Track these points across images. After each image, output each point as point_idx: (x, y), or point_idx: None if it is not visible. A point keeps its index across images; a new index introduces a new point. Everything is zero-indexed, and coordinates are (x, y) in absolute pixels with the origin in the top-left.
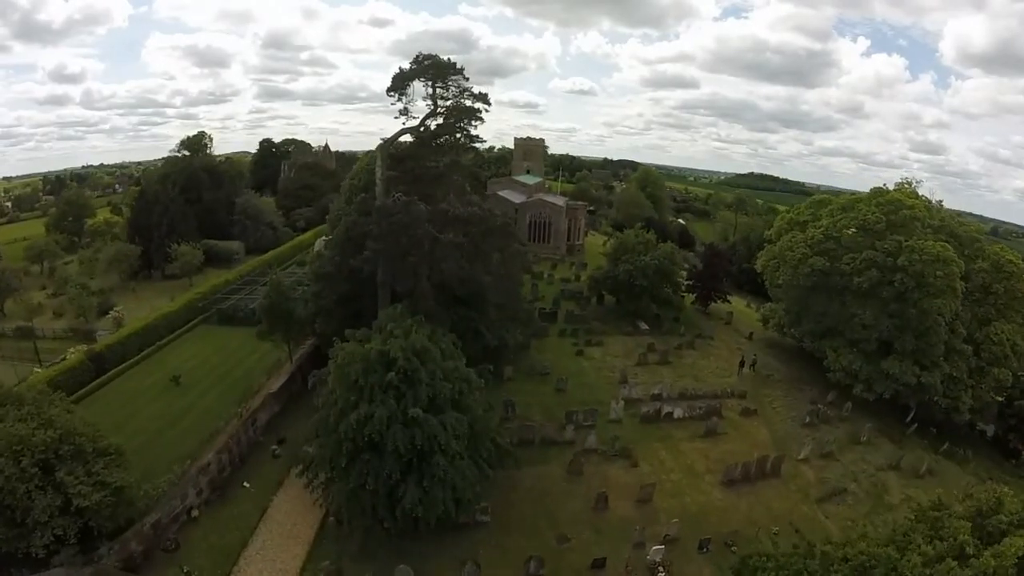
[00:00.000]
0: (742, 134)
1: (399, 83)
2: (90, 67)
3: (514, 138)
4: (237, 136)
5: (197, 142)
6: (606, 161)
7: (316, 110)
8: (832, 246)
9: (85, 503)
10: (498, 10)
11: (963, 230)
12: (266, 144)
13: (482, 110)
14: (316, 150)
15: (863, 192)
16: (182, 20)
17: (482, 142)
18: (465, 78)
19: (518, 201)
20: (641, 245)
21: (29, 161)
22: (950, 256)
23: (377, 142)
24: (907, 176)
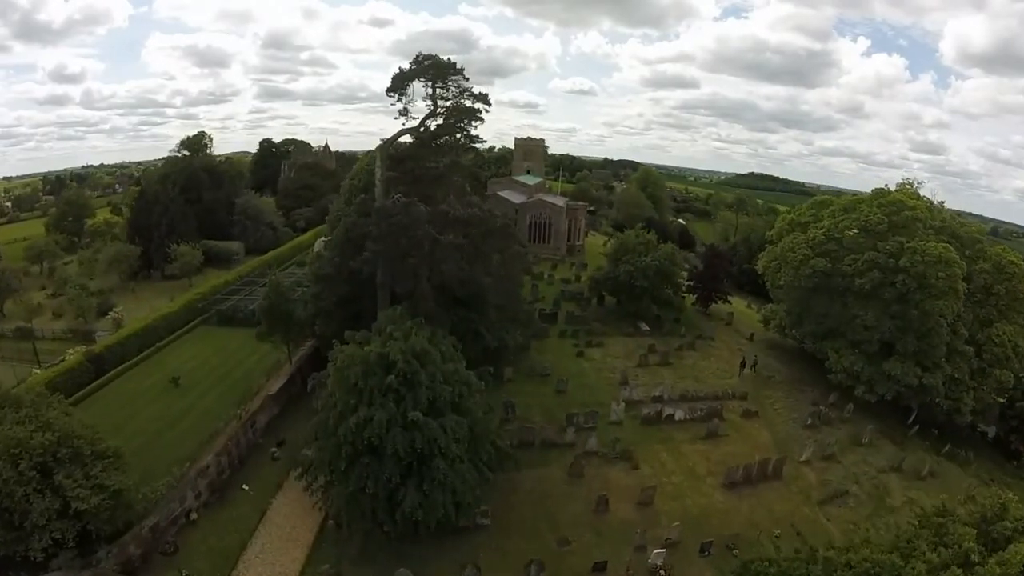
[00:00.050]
0: (742, 134)
1: (399, 83)
2: (90, 67)
3: (514, 138)
4: (237, 136)
5: (197, 142)
6: (606, 161)
7: (316, 110)
8: (834, 247)
9: (83, 506)
10: (498, 10)
11: (964, 231)
12: (266, 144)
13: (482, 110)
14: (316, 150)
15: (864, 192)
16: (182, 20)
17: (482, 142)
18: (465, 78)
19: (518, 201)
20: (642, 246)
21: (29, 161)
22: (952, 257)
23: (377, 142)
24: (908, 177)
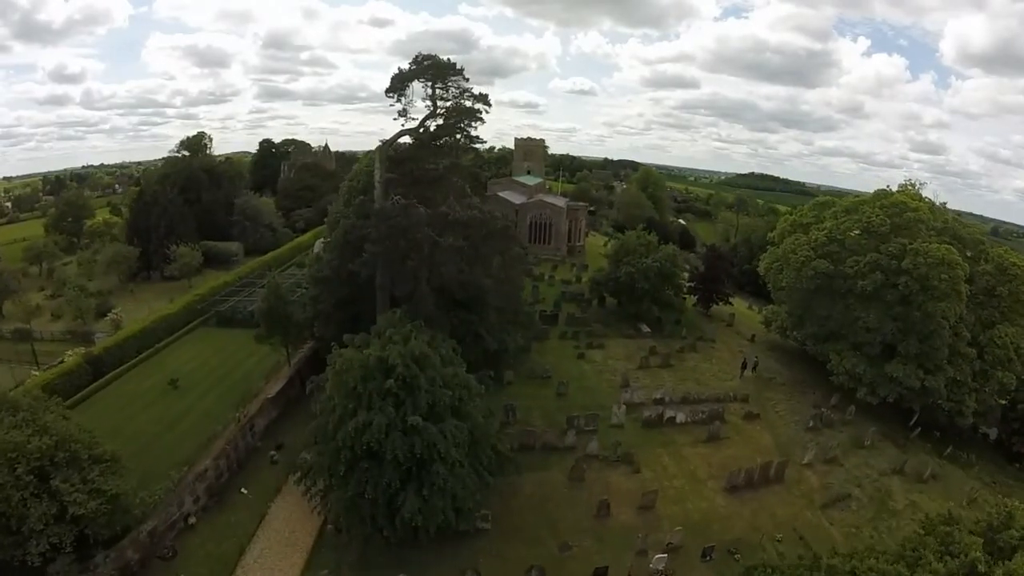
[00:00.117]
0: (742, 134)
1: (398, 84)
2: (90, 67)
3: (514, 138)
4: (237, 136)
5: (197, 142)
6: (606, 161)
7: (316, 110)
8: (836, 249)
9: (81, 511)
10: (498, 10)
11: (966, 232)
12: (266, 144)
13: (482, 111)
14: (316, 150)
15: (864, 192)
16: (182, 20)
17: (482, 143)
18: (465, 78)
19: (518, 202)
20: (642, 247)
21: (29, 161)
22: (955, 259)
23: (377, 142)
24: (910, 178)
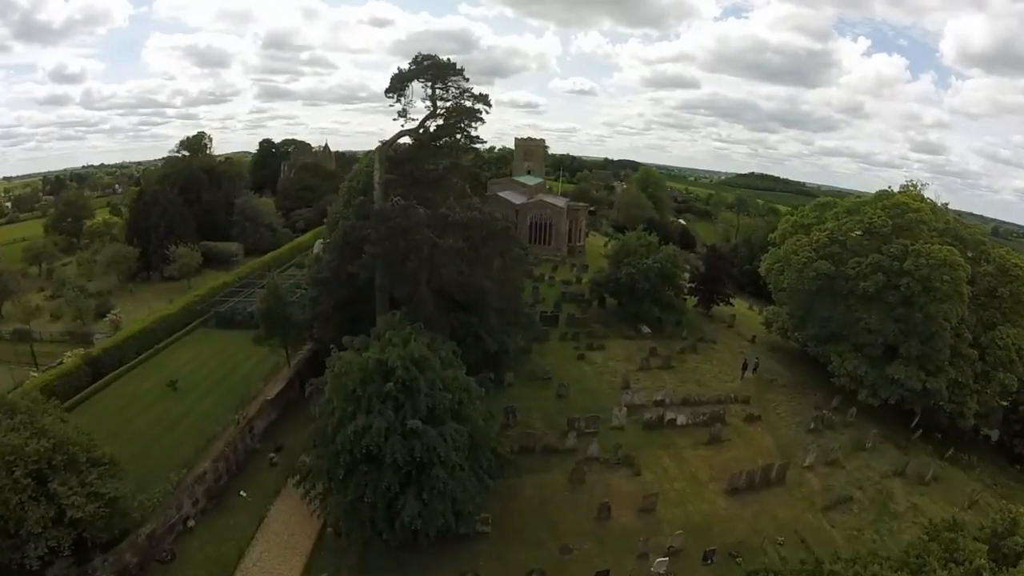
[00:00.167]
0: (742, 134)
1: (398, 84)
2: (90, 67)
3: (515, 138)
4: (237, 136)
5: (197, 142)
6: (606, 161)
7: (316, 110)
8: (837, 250)
9: (79, 514)
10: (498, 10)
11: (968, 233)
12: (266, 144)
13: (482, 111)
14: (316, 150)
15: (865, 192)
16: (182, 20)
17: (482, 143)
18: (465, 79)
19: (519, 202)
20: (643, 247)
21: (29, 161)
22: (957, 260)
23: (377, 142)
24: (911, 178)
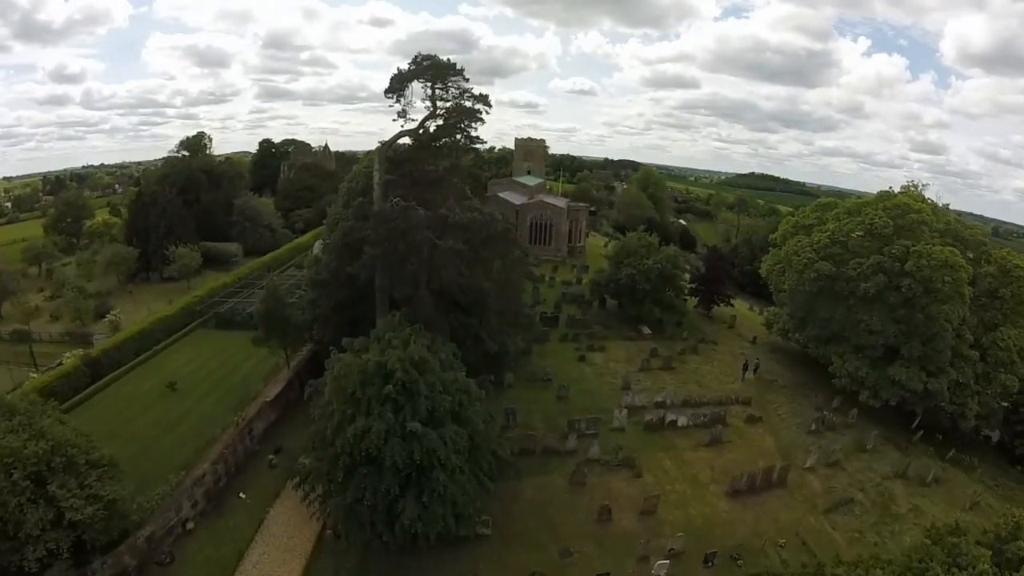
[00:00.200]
0: (742, 134)
1: (397, 84)
2: (90, 67)
3: (515, 138)
4: (237, 136)
5: (196, 143)
6: (607, 161)
7: (316, 110)
8: (839, 251)
9: (77, 517)
10: (498, 10)
11: (969, 233)
12: (266, 144)
13: (482, 111)
14: (316, 150)
15: (865, 191)
16: (182, 20)
17: (482, 143)
18: (465, 79)
19: (519, 203)
20: (643, 248)
21: (29, 161)
22: (958, 262)
23: (377, 143)
24: (912, 179)
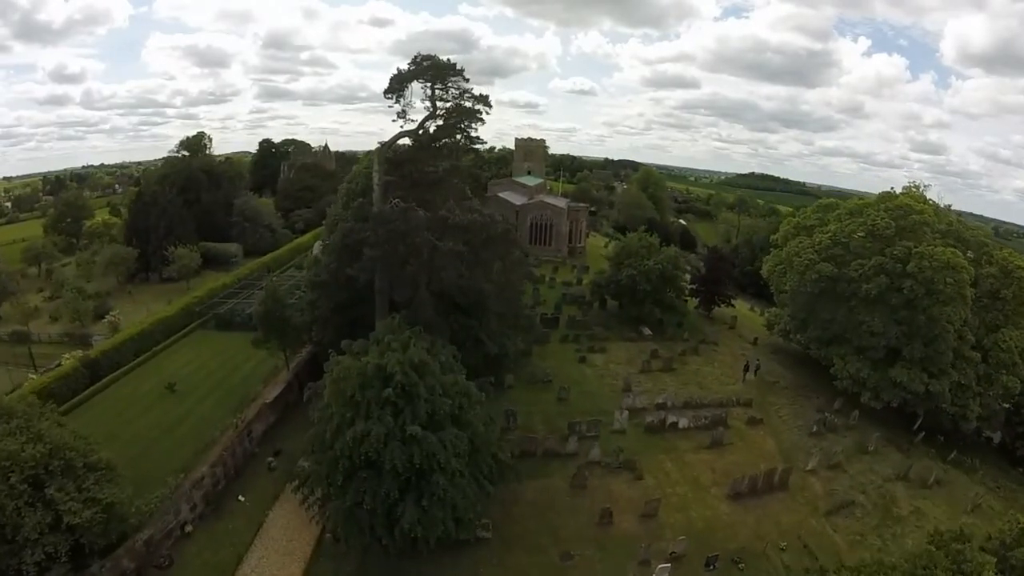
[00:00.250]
0: (743, 134)
1: (397, 84)
2: (90, 67)
3: (515, 138)
4: (237, 136)
5: (196, 143)
6: (607, 161)
7: (316, 110)
8: (840, 252)
9: (76, 520)
10: (498, 10)
11: (971, 234)
12: (266, 144)
13: (482, 112)
14: (316, 150)
15: (865, 192)
16: (182, 20)
17: (482, 143)
18: (465, 79)
19: (519, 203)
20: (644, 249)
21: (29, 161)
22: (960, 263)
23: (377, 143)
24: (914, 179)
